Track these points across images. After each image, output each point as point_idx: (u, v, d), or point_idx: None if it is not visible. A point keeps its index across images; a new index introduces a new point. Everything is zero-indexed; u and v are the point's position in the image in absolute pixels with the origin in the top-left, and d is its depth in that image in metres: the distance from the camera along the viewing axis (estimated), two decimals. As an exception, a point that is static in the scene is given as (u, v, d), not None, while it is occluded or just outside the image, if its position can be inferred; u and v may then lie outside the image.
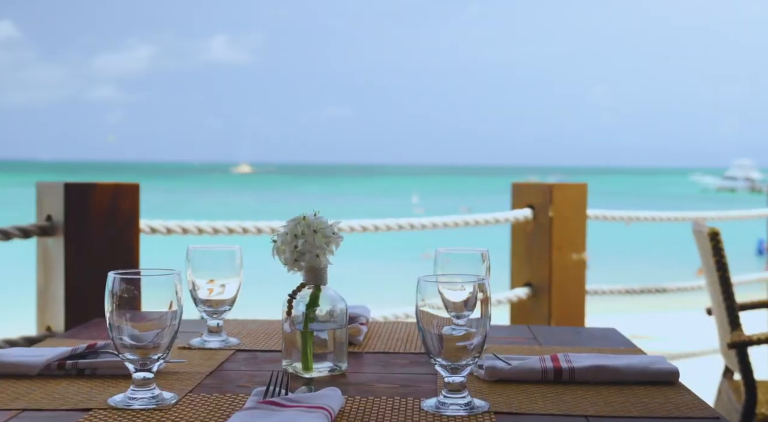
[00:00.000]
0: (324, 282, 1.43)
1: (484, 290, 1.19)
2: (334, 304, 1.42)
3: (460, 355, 1.18)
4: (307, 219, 1.42)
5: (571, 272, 3.64)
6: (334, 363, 1.41)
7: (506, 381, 1.33)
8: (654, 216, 4.28)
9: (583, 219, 3.69)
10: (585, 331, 1.82)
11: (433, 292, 1.18)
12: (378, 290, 14.58)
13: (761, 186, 64.13)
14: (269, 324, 1.82)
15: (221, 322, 1.64)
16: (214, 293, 1.62)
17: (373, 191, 68.08)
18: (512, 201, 3.78)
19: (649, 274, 18.99)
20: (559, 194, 3.62)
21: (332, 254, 1.43)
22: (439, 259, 1.58)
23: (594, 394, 1.26)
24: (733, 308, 2.57)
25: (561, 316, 3.63)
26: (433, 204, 47.53)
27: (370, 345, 1.63)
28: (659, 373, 1.33)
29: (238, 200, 51.79)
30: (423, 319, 1.19)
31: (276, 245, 1.43)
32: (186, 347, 1.59)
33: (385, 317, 3.35)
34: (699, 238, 2.79)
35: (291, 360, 1.41)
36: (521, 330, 1.82)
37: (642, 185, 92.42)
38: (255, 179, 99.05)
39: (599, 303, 5.48)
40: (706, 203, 50.82)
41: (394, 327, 1.82)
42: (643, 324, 11.25)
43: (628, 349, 1.58)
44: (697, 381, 3.92)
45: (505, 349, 1.57)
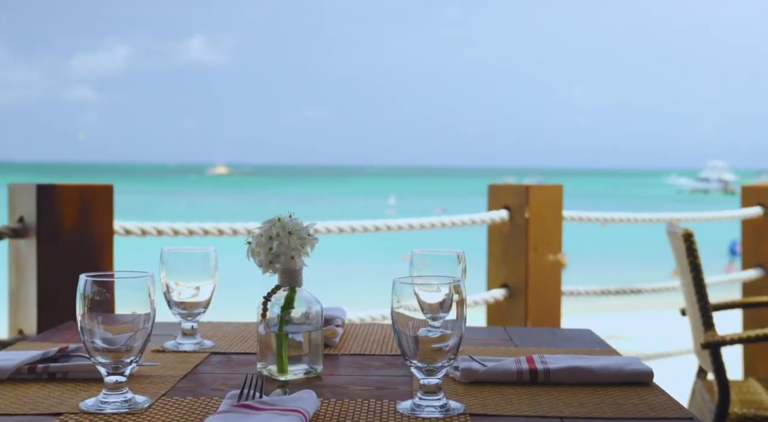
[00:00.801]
0: (299, 284, 1.42)
1: (459, 291, 1.19)
2: (310, 306, 1.42)
3: (435, 357, 1.17)
4: (282, 221, 1.41)
5: (547, 274, 3.66)
6: (310, 365, 1.40)
7: (482, 382, 1.33)
8: (629, 217, 4.31)
9: (559, 220, 3.71)
10: (560, 332, 1.82)
11: (408, 294, 1.18)
12: (355, 292, 14.57)
13: (734, 188, 64.92)
14: (245, 327, 1.81)
15: (196, 325, 1.62)
16: (187, 296, 1.60)
17: (350, 193, 68.05)
18: (489, 202, 3.79)
19: (625, 275, 19.15)
20: (535, 196, 3.63)
21: (307, 256, 1.42)
22: (415, 260, 1.57)
23: (569, 395, 1.26)
24: (706, 309, 2.59)
25: (537, 317, 3.64)
26: (410, 205, 47.59)
27: (346, 347, 1.62)
28: (634, 374, 1.33)
29: (214, 202, 51.53)
30: (398, 321, 1.18)
31: (251, 246, 1.42)
32: (160, 350, 1.58)
33: (361, 318, 3.34)
34: (673, 239, 2.81)
35: (266, 362, 1.40)
36: (497, 331, 1.82)
37: (618, 186, 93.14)
38: (231, 181, 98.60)
39: (576, 304, 5.51)
40: (681, 205, 51.32)
41: (370, 328, 1.81)
42: (618, 325, 11.34)
43: (603, 350, 1.59)
44: (672, 381, 3.95)
45: (481, 351, 1.57)
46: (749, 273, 4.67)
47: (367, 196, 60.82)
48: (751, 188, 4.86)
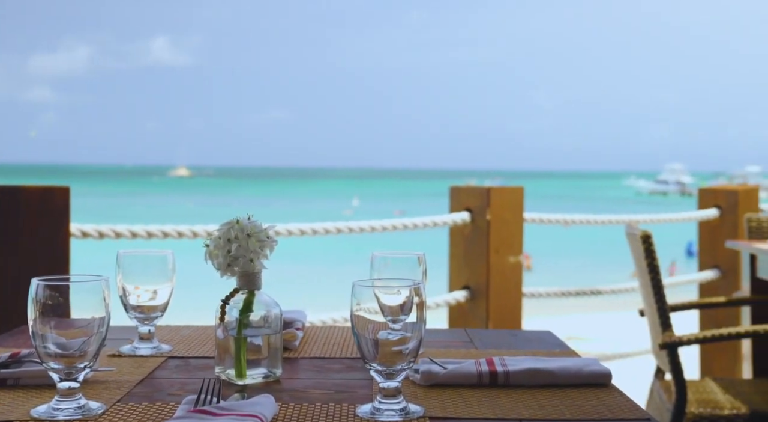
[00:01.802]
0: (258, 287, 1.40)
1: (419, 294, 1.18)
2: (269, 309, 1.40)
3: (395, 360, 1.17)
4: (240, 223, 1.39)
5: (508, 275, 3.68)
6: (269, 369, 1.38)
7: (442, 385, 1.32)
8: (589, 219, 4.35)
9: (520, 222, 3.73)
10: (521, 334, 1.83)
11: (368, 296, 1.17)
12: (317, 294, 14.53)
13: (691, 190, 66.06)
14: (203, 330, 1.78)
15: (153, 328, 1.60)
16: (144, 299, 1.58)
17: (313, 195, 67.88)
18: (450, 204, 3.80)
19: (587, 276, 19.37)
20: (496, 198, 3.65)
21: (266, 259, 1.40)
22: (375, 263, 1.57)
23: (529, 397, 1.26)
24: (664, 310, 2.63)
25: (498, 318, 3.66)
26: (373, 207, 47.63)
27: (306, 351, 1.61)
28: (592, 375, 1.34)
29: (175, 204, 51.04)
30: (358, 324, 1.17)
31: (209, 249, 1.40)
32: (116, 354, 1.55)
33: (323, 321, 3.33)
34: (632, 241, 2.84)
35: (224, 366, 1.38)
36: (458, 333, 1.82)
37: (579, 188, 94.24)
38: (193, 183, 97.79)
39: (538, 305, 5.55)
40: (640, 206, 52.06)
41: (330, 331, 1.80)
42: (579, 325, 11.45)
43: (562, 352, 1.60)
44: (631, 381, 4.00)
45: (442, 353, 1.57)
46: (706, 274, 4.75)
47: (331, 198, 60.75)
48: (708, 191, 4.94)
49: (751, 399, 2.69)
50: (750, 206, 4.68)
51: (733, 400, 2.66)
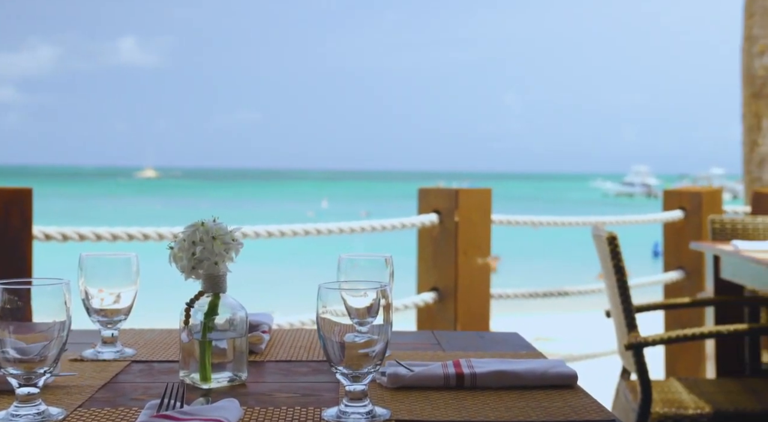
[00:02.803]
0: (223, 290, 1.39)
1: (386, 296, 1.18)
2: (234, 312, 1.39)
3: (361, 363, 1.16)
4: (205, 225, 1.37)
5: (476, 277, 3.69)
6: (234, 372, 1.37)
7: (409, 387, 1.32)
8: (556, 221, 4.38)
9: (488, 224, 3.75)
10: (488, 336, 1.83)
11: (334, 299, 1.17)
12: (285, 296, 14.47)
13: (657, 192, 66.93)
14: (168, 334, 1.76)
15: (116, 332, 1.57)
16: (108, 303, 1.55)
17: (283, 197, 67.66)
18: (419, 206, 3.81)
19: (556, 277, 19.52)
20: (464, 199, 3.66)
21: (232, 261, 1.39)
22: (342, 265, 1.56)
23: (495, 399, 1.26)
24: (629, 311, 2.65)
25: (466, 320, 3.67)
26: (342, 209, 47.59)
27: (272, 354, 1.59)
28: (558, 377, 1.34)
29: (142, 206, 50.56)
30: (324, 327, 1.16)
31: (173, 252, 1.38)
32: (78, 359, 1.52)
33: (291, 324, 3.31)
34: (598, 242, 2.86)
35: (188, 370, 1.36)
36: (425, 335, 1.82)
37: (547, 190, 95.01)
38: (160, 184, 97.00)
39: (507, 305, 5.57)
40: (606, 208, 52.63)
41: (297, 334, 1.79)
42: (548, 326, 11.54)
43: (529, 353, 1.60)
44: (597, 382, 4.03)
45: (409, 355, 1.57)
46: (671, 275, 4.80)
47: (300, 200, 60.58)
48: (673, 193, 5.00)
49: (715, 398, 2.72)
50: (714, 208, 4.75)
51: (697, 400, 2.70)
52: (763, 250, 3.03)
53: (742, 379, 3.05)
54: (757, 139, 5.97)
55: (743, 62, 6.11)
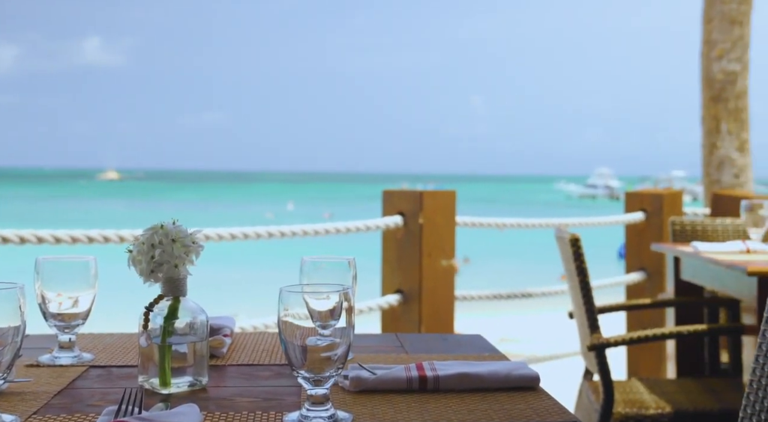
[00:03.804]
0: (183, 293, 1.37)
1: (348, 299, 1.17)
2: (194, 316, 1.37)
3: (323, 366, 1.15)
4: (165, 228, 1.35)
5: (440, 279, 3.70)
6: (194, 377, 1.35)
7: (371, 391, 1.31)
8: (520, 223, 4.40)
9: (452, 226, 3.75)
10: (451, 338, 1.83)
11: (296, 302, 1.15)
12: (249, 299, 14.38)
13: (619, 194, 67.75)
14: (127, 338, 1.73)
15: (74, 337, 1.54)
16: (65, 307, 1.52)
17: (248, 199, 67.27)
18: (383, 208, 3.80)
19: (521, 278, 19.65)
20: (429, 201, 3.66)
21: (192, 265, 1.37)
22: (305, 267, 1.55)
23: (458, 402, 1.26)
24: (592, 312, 2.67)
25: (431, 322, 3.67)
26: (307, 211, 47.46)
27: (234, 357, 1.57)
28: (521, 379, 1.34)
29: (104, 208, 49.94)
30: (285, 330, 1.15)
31: (132, 255, 1.36)
32: (34, 364, 1.49)
33: (255, 327, 3.28)
34: (561, 244, 2.88)
35: (148, 375, 1.34)
36: (389, 338, 1.81)
37: (512, 191, 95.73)
38: (122, 186, 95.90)
39: (473, 306, 5.59)
40: (570, 210, 53.14)
41: (260, 337, 1.77)
42: (512, 327, 11.61)
43: (492, 355, 1.60)
44: (561, 382, 4.05)
45: (372, 358, 1.56)
46: (632, 276, 4.85)
47: (265, 202, 60.28)
48: (634, 195, 5.06)
49: (675, 398, 2.76)
50: (674, 210, 4.81)
51: (658, 400, 2.72)
52: (722, 251, 3.07)
53: (701, 379, 3.10)
54: (716, 142, 6.06)
55: (702, 66, 6.21)
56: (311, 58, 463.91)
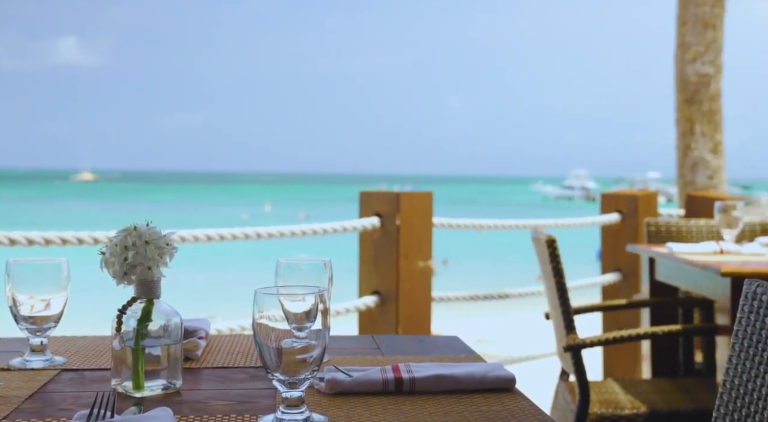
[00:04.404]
0: (157, 296, 1.35)
1: (324, 301, 1.16)
2: (168, 318, 1.35)
3: (299, 369, 1.14)
4: (138, 230, 1.34)
5: (417, 280, 3.70)
6: (168, 380, 1.34)
7: (347, 393, 1.30)
8: (497, 224, 4.41)
9: (429, 227, 3.76)
10: (428, 339, 1.83)
11: (271, 304, 1.15)
12: (225, 301, 14.31)
13: (595, 195, 68.25)
14: (101, 341, 1.71)
15: (45, 340, 1.52)
16: (37, 310, 1.50)
17: (225, 200, 66.98)
18: (360, 210, 3.80)
19: (499, 279, 19.73)
20: (406, 203, 3.66)
21: (166, 267, 1.36)
22: (280, 269, 1.54)
23: (434, 404, 1.26)
24: (568, 313, 2.68)
25: (408, 324, 3.67)
26: (284, 212, 47.37)
27: (209, 360, 1.56)
28: (497, 380, 1.35)
29: (79, 210, 49.49)
30: (260, 333, 1.14)
31: (104, 257, 1.34)
32: (4, 368, 1.47)
33: (231, 329, 3.27)
34: (537, 245, 2.89)
35: (121, 378, 1.33)
36: (365, 339, 1.81)
37: (489, 193, 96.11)
38: (98, 187, 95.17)
39: (450, 308, 5.60)
40: (546, 211, 53.42)
41: (235, 339, 1.76)
42: (490, 328, 11.65)
43: (468, 357, 1.60)
44: (537, 383, 4.06)
45: (348, 360, 1.55)
46: (608, 277, 4.88)
47: (243, 203, 60.05)
48: (610, 196, 5.09)
49: (650, 398, 2.77)
50: (649, 211, 4.85)
51: (633, 400, 2.74)
52: (696, 252, 3.10)
53: (676, 379, 3.12)
54: (690, 143, 6.12)
55: (677, 69, 6.27)
56: (288, 59, 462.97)
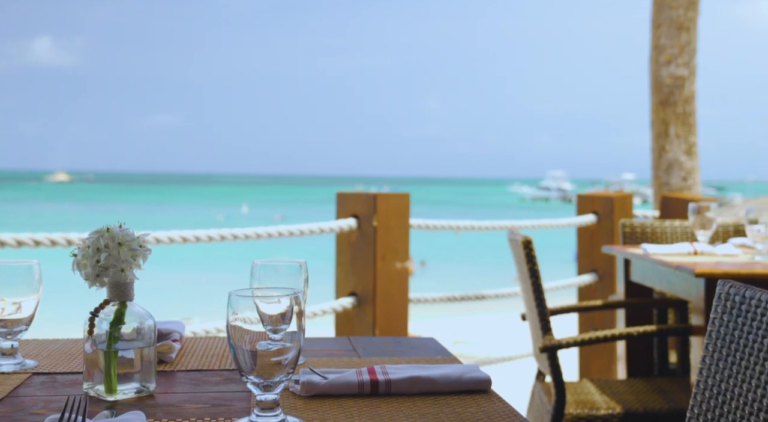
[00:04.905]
0: (130, 298, 1.34)
1: (298, 302, 1.15)
2: (142, 321, 1.34)
3: (273, 371, 1.13)
4: (111, 231, 1.32)
5: (394, 281, 3.69)
6: (141, 383, 1.32)
7: (322, 395, 1.30)
8: (474, 225, 4.42)
9: (406, 228, 3.75)
10: (405, 341, 1.82)
11: (246, 306, 1.14)
12: (201, 302, 14.23)
13: (571, 196, 68.69)
14: (73, 344, 1.69)
15: (16, 343, 1.50)
16: (7, 313, 1.48)
17: (201, 201, 66.62)
18: (337, 211, 3.79)
19: (477, 280, 19.80)
20: (382, 204, 3.66)
21: (139, 269, 1.34)
22: (255, 271, 1.53)
23: (409, 406, 1.25)
24: (544, 314, 2.69)
25: (385, 325, 3.67)
26: (261, 214, 47.21)
27: (183, 363, 1.55)
28: (473, 382, 1.34)
29: (53, 211, 48.99)
30: (234, 335, 1.13)
31: (76, 259, 1.33)
32: (-26, 372, 1.44)
33: (207, 331, 3.24)
34: (514, 246, 2.90)
35: (93, 382, 1.31)
36: (342, 341, 1.80)
37: (467, 194, 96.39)
38: (72, 188, 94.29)
39: (428, 309, 5.60)
40: (523, 212, 53.69)
41: (210, 341, 1.74)
42: (467, 329, 11.67)
43: (444, 358, 1.60)
44: (514, 384, 4.07)
45: (324, 363, 1.55)
46: (584, 278, 4.91)
47: (219, 204, 59.76)
48: (586, 197, 5.12)
49: (625, 399, 2.79)
50: (624, 212, 4.88)
51: (609, 400, 2.76)
52: (671, 253, 3.12)
53: (651, 379, 3.14)
54: (664, 145, 6.17)
55: (651, 71, 6.32)
56: (265, 60, 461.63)
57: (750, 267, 2.70)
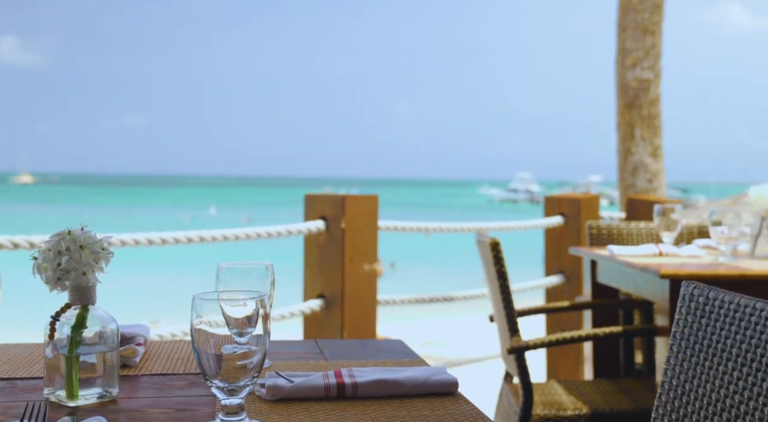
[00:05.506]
0: (92, 302, 1.32)
1: (264, 305, 1.14)
2: (104, 325, 1.32)
3: (238, 375, 1.12)
4: (72, 234, 1.30)
5: (363, 283, 3.68)
6: (104, 388, 1.30)
7: (289, 399, 1.29)
8: (442, 227, 4.43)
9: (375, 230, 3.75)
10: (372, 344, 1.82)
11: (210, 309, 1.12)
12: (167, 306, 14.10)
13: (539, 198, 69.20)
14: (34, 348, 1.66)
15: (-25, 349, 1.47)
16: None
17: (169, 203, 66.06)
18: (305, 213, 3.77)
19: (446, 281, 19.85)
20: (351, 206, 3.65)
21: (102, 272, 1.32)
22: (221, 274, 1.51)
23: (376, 409, 1.25)
24: (512, 315, 2.70)
25: (353, 327, 3.66)
26: (229, 215, 46.94)
27: (147, 367, 1.52)
28: (439, 384, 1.34)
29: (17, 213, 48.27)
30: (199, 339, 1.12)
31: (37, 262, 1.30)
32: (-69, 378, 1.41)
33: (173, 334, 3.21)
34: (481, 248, 2.91)
35: (54, 387, 1.29)
36: (308, 344, 1.79)
37: (436, 196, 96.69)
38: (37, 190, 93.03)
39: (397, 311, 5.60)
40: (492, 214, 53.98)
41: (175, 345, 1.72)
42: (435, 331, 11.70)
43: (412, 361, 1.60)
44: (482, 385, 4.08)
45: (290, 366, 1.53)
46: (551, 279, 4.94)
47: (187, 206, 59.31)
48: (553, 199, 5.15)
49: (592, 399, 2.81)
50: (591, 214, 4.92)
51: (576, 401, 2.77)
52: (637, 254, 3.15)
53: (617, 380, 3.17)
54: (630, 147, 6.24)
55: (617, 74, 6.39)
56: (234, 61, 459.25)
57: (714, 269, 2.73)
